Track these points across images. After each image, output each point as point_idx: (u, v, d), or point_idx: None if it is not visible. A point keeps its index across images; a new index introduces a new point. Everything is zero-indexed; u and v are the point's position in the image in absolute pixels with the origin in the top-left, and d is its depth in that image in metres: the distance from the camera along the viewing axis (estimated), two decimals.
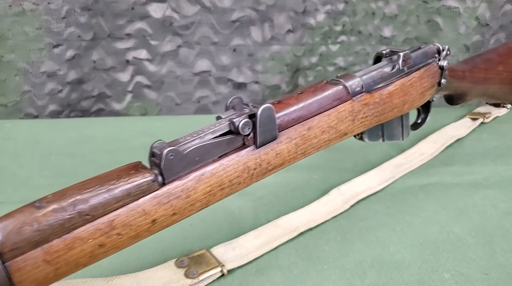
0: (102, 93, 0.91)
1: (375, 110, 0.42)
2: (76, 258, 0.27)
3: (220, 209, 0.43)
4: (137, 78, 0.92)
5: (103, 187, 0.28)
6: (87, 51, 0.89)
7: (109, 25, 0.87)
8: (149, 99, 0.93)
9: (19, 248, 0.25)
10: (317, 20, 0.92)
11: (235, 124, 0.33)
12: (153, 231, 0.30)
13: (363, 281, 0.35)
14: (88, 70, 0.90)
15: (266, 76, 0.95)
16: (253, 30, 0.91)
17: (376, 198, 0.46)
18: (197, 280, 0.34)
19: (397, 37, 0.95)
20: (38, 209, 0.26)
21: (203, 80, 0.93)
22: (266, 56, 0.92)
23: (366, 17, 0.93)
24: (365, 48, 0.96)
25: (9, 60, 0.85)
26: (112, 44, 0.88)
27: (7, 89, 0.87)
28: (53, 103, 0.89)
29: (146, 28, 0.88)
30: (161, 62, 0.91)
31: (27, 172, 0.53)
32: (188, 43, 0.90)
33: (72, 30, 0.86)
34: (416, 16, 0.93)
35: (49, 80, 0.88)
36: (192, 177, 0.31)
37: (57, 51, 0.86)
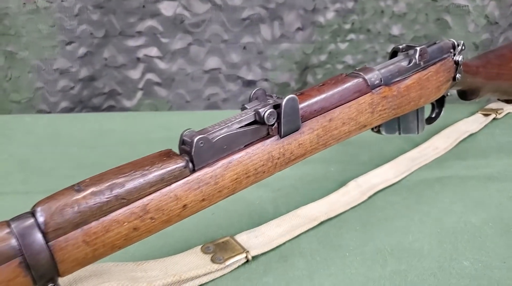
0: (113, 90, 0.93)
1: (393, 103, 0.43)
2: (112, 240, 0.29)
3: (240, 200, 0.45)
4: (148, 75, 0.93)
5: (138, 172, 0.29)
6: (99, 49, 0.90)
7: (120, 22, 0.89)
8: (160, 96, 0.94)
9: (62, 229, 0.27)
10: (326, 18, 0.93)
11: (260, 114, 0.34)
12: (184, 216, 0.32)
13: (384, 268, 0.36)
14: (100, 67, 0.91)
15: (276, 74, 0.96)
16: (262, 28, 0.92)
17: (392, 190, 0.47)
18: (224, 265, 0.35)
19: (406, 35, 0.96)
20: (78, 192, 0.28)
21: (213, 78, 0.95)
22: (275, 54, 0.94)
23: (375, 16, 0.95)
24: (374, 46, 0.98)
25: (22, 57, 0.87)
26: (123, 41, 0.90)
27: (20, 86, 0.89)
28: (65, 100, 0.90)
29: (157, 26, 0.90)
30: (172, 60, 0.93)
31: (49, 164, 0.54)
32: (198, 41, 0.91)
33: (84, 27, 0.87)
34: (425, 14, 0.95)
35: (62, 77, 0.90)
36: (220, 165, 0.33)
37: (70, 48, 0.88)
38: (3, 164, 0.55)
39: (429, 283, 0.34)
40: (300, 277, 0.35)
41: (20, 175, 0.52)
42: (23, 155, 0.58)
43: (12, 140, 0.62)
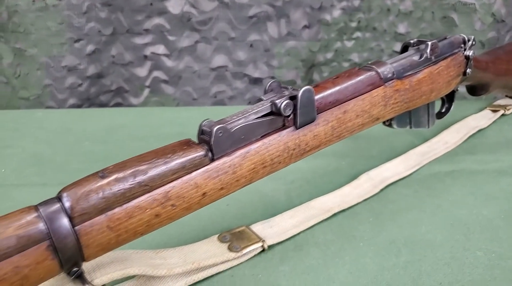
0: (120, 87, 0.94)
1: (405, 97, 0.44)
2: (135, 227, 0.29)
3: (254, 191, 0.45)
4: (155, 73, 0.94)
5: (161, 159, 0.30)
6: (107, 46, 0.91)
7: (128, 20, 0.90)
8: (167, 93, 0.95)
9: (87, 214, 0.28)
10: (333, 16, 0.94)
11: (277, 105, 0.35)
12: (203, 204, 0.33)
13: (398, 258, 0.37)
14: (107, 65, 0.92)
15: (282, 71, 0.97)
16: (269, 26, 0.93)
17: (404, 183, 0.48)
18: (241, 253, 0.36)
19: (412, 33, 0.97)
20: (102, 179, 0.29)
21: (219, 75, 0.96)
22: (282, 51, 0.95)
23: (381, 14, 0.95)
24: (380, 45, 0.98)
25: (31, 55, 0.88)
26: (131, 39, 0.91)
27: (29, 83, 0.90)
28: (73, 97, 0.91)
29: (164, 23, 0.91)
30: (179, 57, 0.94)
31: (63, 157, 0.55)
32: (205, 39, 0.92)
33: (92, 25, 0.89)
34: (431, 12, 0.95)
35: (70, 74, 0.91)
36: (238, 154, 0.34)
37: (78, 45, 0.89)
38: (17, 158, 0.56)
39: (444, 272, 0.35)
40: (316, 266, 0.36)
41: (34, 168, 0.53)
42: (36, 149, 0.59)
43: (24, 134, 0.63)
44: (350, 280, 0.34)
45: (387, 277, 0.35)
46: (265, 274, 0.35)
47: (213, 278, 0.35)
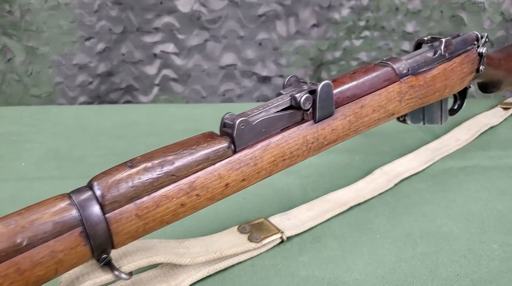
0: (130, 85, 0.95)
1: (419, 92, 0.45)
2: (162, 215, 0.31)
3: (270, 186, 0.46)
4: (164, 71, 0.96)
5: (186, 151, 0.31)
6: (117, 44, 0.93)
7: (138, 19, 0.91)
8: (176, 92, 0.96)
9: (117, 202, 0.29)
10: (341, 15, 0.95)
11: (296, 99, 0.36)
12: (225, 194, 0.34)
13: (415, 250, 0.38)
14: (117, 63, 0.94)
15: (290, 70, 0.98)
16: (278, 25, 0.94)
17: (417, 178, 0.49)
18: (261, 244, 0.37)
19: (420, 32, 0.98)
20: (131, 168, 0.30)
21: (228, 74, 0.97)
22: (290, 50, 0.96)
23: (390, 13, 0.96)
24: (388, 43, 0.99)
25: (43, 53, 0.90)
26: (141, 37, 0.93)
27: (40, 81, 0.91)
28: (83, 95, 0.93)
29: (173, 22, 0.92)
30: (188, 56, 0.95)
31: (80, 152, 0.57)
32: (215, 37, 0.93)
33: (103, 23, 0.90)
34: (440, 11, 0.96)
35: (81, 72, 0.92)
36: (259, 147, 0.35)
37: (89, 44, 0.90)
38: (36, 152, 0.57)
39: (460, 264, 0.36)
40: (334, 257, 0.37)
41: (53, 162, 0.55)
42: (54, 143, 0.60)
43: (41, 130, 0.65)
44: (369, 271, 0.35)
45: (404, 268, 0.36)
46: (284, 264, 0.36)
47: (234, 268, 0.36)
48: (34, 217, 0.27)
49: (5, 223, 0.26)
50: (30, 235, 0.26)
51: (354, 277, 0.35)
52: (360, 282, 0.34)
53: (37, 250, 0.26)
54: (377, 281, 0.34)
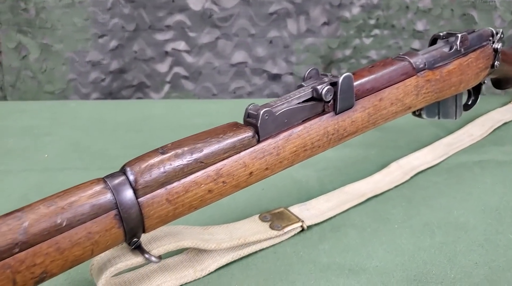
0: (141, 83, 0.97)
1: (435, 87, 0.46)
2: (190, 201, 0.32)
3: (287, 177, 0.48)
4: (175, 69, 0.97)
5: (214, 139, 0.33)
6: (129, 42, 0.94)
7: (150, 16, 0.93)
8: (187, 89, 0.98)
9: (149, 187, 0.30)
10: (352, 13, 0.96)
11: (318, 91, 0.37)
12: (249, 182, 0.35)
13: (433, 239, 0.39)
14: (129, 60, 0.95)
15: (300, 68, 0.99)
16: (289, 23, 0.95)
17: (433, 171, 0.50)
18: (282, 232, 0.38)
19: (430, 31, 0.99)
20: (163, 155, 0.31)
21: (239, 71, 0.98)
22: (301, 48, 0.97)
23: (400, 11, 0.97)
24: (398, 42, 1.00)
25: (57, 50, 0.92)
26: (152, 35, 0.94)
27: (54, 77, 0.93)
28: (95, 91, 0.95)
29: (185, 20, 0.94)
30: (199, 54, 0.97)
31: (100, 145, 0.59)
32: (226, 35, 0.95)
33: (116, 21, 0.92)
34: (451, 10, 0.97)
35: (93, 69, 0.94)
36: (282, 137, 0.36)
37: (102, 41, 0.92)
38: (57, 145, 0.59)
39: (479, 253, 0.37)
40: (354, 245, 0.38)
41: (75, 154, 0.57)
42: (74, 136, 0.62)
43: (61, 123, 0.67)
44: (388, 258, 0.37)
45: (423, 256, 0.37)
46: (306, 252, 0.37)
47: (257, 254, 0.37)
48: (73, 199, 0.28)
49: (47, 204, 0.27)
50: (69, 216, 0.28)
51: (374, 264, 0.36)
52: (380, 269, 0.35)
53: (75, 230, 0.28)
54: (397, 268, 0.35)
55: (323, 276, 0.35)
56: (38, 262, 0.27)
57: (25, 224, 0.26)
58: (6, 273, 0.26)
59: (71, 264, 0.28)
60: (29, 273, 0.26)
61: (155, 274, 0.34)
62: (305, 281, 0.34)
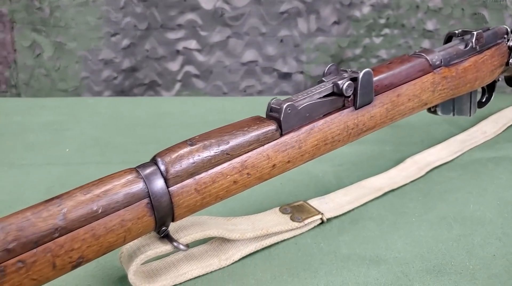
0: (153, 81, 0.99)
1: (451, 84, 0.47)
2: (217, 191, 0.33)
3: (305, 172, 0.49)
4: (187, 67, 0.99)
5: (239, 132, 0.34)
6: (141, 41, 0.96)
7: (162, 15, 0.95)
8: (197, 88, 0.99)
9: (179, 177, 0.31)
10: (362, 13, 0.97)
11: (339, 86, 0.38)
12: (272, 174, 0.36)
13: (450, 232, 0.40)
14: (141, 59, 0.97)
15: (311, 67, 1.00)
16: (299, 22, 0.97)
17: (448, 167, 0.51)
18: (303, 224, 0.39)
19: (441, 30, 1.00)
20: (191, 146, 0.32)
21: (249, 70, 1.00)
22: (311, 47, 0.98)
23: (410, 10, 0.98)
24: (408, 41, 1.01)
25: (71, 48, 0.93)
26: (164, 34, 0.96)
27: (67, 75, 0.95)
28: (108, 89, 0.96)
29: (196, 19, 0.95)
30: (210, 52, 0.98)
31: (119, 140, 0.60)
32: (237, 34, 0.96)
33: (128, 20, 0.94)
34: (461, 9, 0.97)
35: (106, 67, 0.96)
36: (304, 130, 0.37)
37: (114, 39, 0.94)
38: (78, 139, 0.61)
39: (496, 245, 0.38)
40: (373, 237, 0.39)
41: (95, 149, 0.58)
42: (93, 132, 0.64)
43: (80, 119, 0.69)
44: (407, 249, 0.38)
45: (441, 248, 0.38)
46: (326, 243, 0.39)
47: (279, 245, 0.38)
48: (107, 188, 0.29)
49: (83, 192, 0.29)
50: (104, 203, 0.29)
51: (393, 255, 0.37)
52: (400, 259, 0.36)
53: (110, 218, 0.29)
54: (416, 259, 0.36)
55: (344, 266, 0.36)
56: (75, 247, 0.28)
57: (64, 210, 0.28)
58: (47, 257, 0.27)
59: (105, 250, 0.30)
60: (67, 257, 0.28)
61: (181, 262, 0.35)
62: (327, 270, 0.35)
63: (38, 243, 0.27)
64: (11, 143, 0.60)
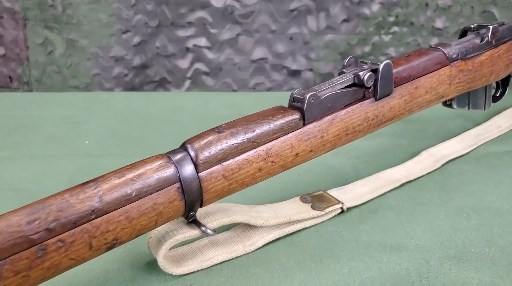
0: (163, 78, 1.00)
1: (467, 77, 0.48)
2: (243, 178, 0.34)
3: (322, 164, 0.50)
4: (196, 65, 1.00)
5: (264, 120, 0.35)
6: (152, 38, 0.98)
7: (172, 13, 0.96)
8: (207, 85, 1.01)
9: (208, 163, 0.33)
10: (371, 10, 0.98)
11: (360, 77, 0.39)
12: (295, 163, 0.37)
13: (469, 221, 0.41)
14: (152, 56, 0.99)
15: (320, 64, 1.01)
16: (309, 19, 0.98)
17: (463, 160, 0.52)
18: (324, 212, 0.40)
19: (450, 28, 1.01)
20: (219, 133, 0.34)
21: (259, 67, 1.01)
22: (320, 44, 0.99)
23: (419, 8, 0.99)
24: (417, 39, 1.02)
25: (83, 45, 0.95)
26: (174, 31, 0.97)
27: (79, 72, 0.97)
28: (118, 86, 0.98)
29: (206, 16, 0.97)
30: (220, 50, 1.00)
31: (136, 133, 0.62)
32: (247, 31, 0.98)
33: (139, 17, 0.95)
34: (471, 7, 0.98)
35: (117, 64, 0.97)
36: (326, 120, 0.38)
37: (125, 37, 0.95)
38: (96, 133, 0.63)
39: None
40: (393, 225, 0.40)
41: (113, 141, 0.60)
42: (110, 125, 0.65)
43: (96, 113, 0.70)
44: (427, 238, 0.39)
45: (461, 236, 0.39)
46: (347, 231, 0.40)
47: (301, 233, 0.40)
48: (140, 172, 0.31)
49: (117, 175, 0.30)
50: (138, 187, 0.30)
51: (414, 242, 0.38)
52: (420, 247, 0.37)
53: (143, 201, 0.30)
54: (436, 247, 0.37)
55: (366, 252, 0.37)
56: (111, 229, 0.29)
57: (100, 192, 0.29)
58: (84, 238, 0.28)
59: (138, 233, 0.31)
60: (103, 238, 0.29)
61: (206, 248, 0.36)
62: (350, 257, 0.36)
63: (76, 223, 0.28)
64: (31, 135, 0.62)
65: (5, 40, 0.97)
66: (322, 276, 0.34)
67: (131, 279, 0.34)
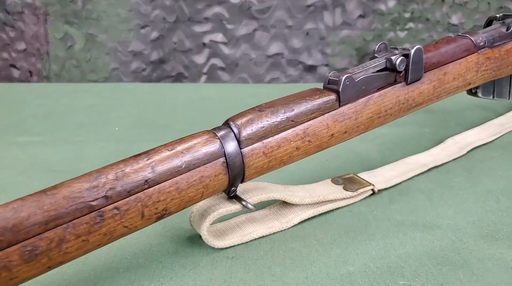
0: (180, 73, 1.02)
1: (494, 65, 0.50)
2: (281, 156, 0.36)
3: (349, 150, 0.52)
4: (212, 60, 1.02)
5: (302, 100, 0.37)
6: (169, 33, 1.00)
7: (189, 9, 0.98)
8: (223, 80, 1.03)
9: (250, 139, 0.34)
10: (387, 7, 1.00)
11: (392, 61, 0.41)
12: (330, 144, 0.39)
13: (498, 204, 0.42)
14: (169, 51, 1.01)
15: (335, 59, 1.03)
16: (325, 15, 1.00)
17: (487, 147, 0.54)
18: (356, 193, 0.42)
19: (465, 24, 1.02)
20: (260, 112, 0.35)
21: (275, 62, 1.03)
22: (336, 40, 1.01)
23: (435, 5, 1.01)
24: (432, 35, 1.03)
25: (101, 40, 0.98)
26: (191, 27, 1.00)
27: (97, 66, 0.99)
28: (136, 81, 1.00)
29: (223, 12, 0.99)
30: (236, 45, 1.02)
31: (164, 121, 0.64)
32: (263, 27, 1.00)
33: (157, 12, 0.98)
34: (487, 3, 1.00)
35: (135, 59, 1.00)
36: (360, 102, 0.40)
37: (144, 32, 0.98)
38: (124, 120, 0.65)
39: None
40: (424, 206, 0.42)
41: (142, 128, 0.62)
42: (137, 114, 0.67)
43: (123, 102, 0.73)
44: (458, 218, 0.40)
45: (491, 217, 0.40)
46: (379, 211, 0.41)
47: (334, 212, 0.41)
48: (189, 145, 0.32)
49: (168, 148, 0.32)
50: (187, 159, 0.32)
51: (446, 222, 0.39)
52: (452, 226, 0.39)
53: (191, 173, 0.32)
54: (468, 226, 0.39)
55: (399, 230, 0.38)
56: (161, 199, 0.31)
57: (152, 163, 0.31)
58: (138, 206, 0.30)
59: (185, 204, 0.33)
60: (154, 208, 0.31)
61: (245, 224, 0.38)
62: (384, 234, 0.38)
63: (131, 192, 0.30)
64: (62, 122, 0.64)
65: (26, 35, 1.00)
66: (358, 251, 0.36)
67: (174, 252, 0.36)
